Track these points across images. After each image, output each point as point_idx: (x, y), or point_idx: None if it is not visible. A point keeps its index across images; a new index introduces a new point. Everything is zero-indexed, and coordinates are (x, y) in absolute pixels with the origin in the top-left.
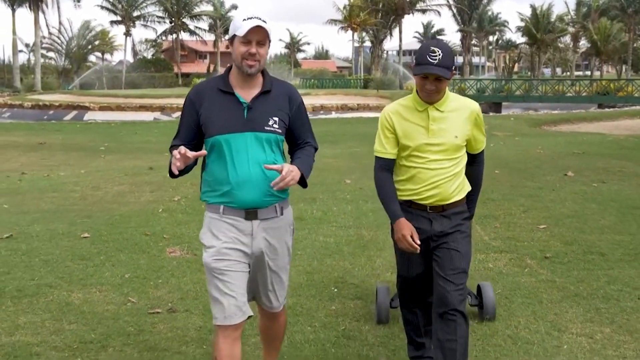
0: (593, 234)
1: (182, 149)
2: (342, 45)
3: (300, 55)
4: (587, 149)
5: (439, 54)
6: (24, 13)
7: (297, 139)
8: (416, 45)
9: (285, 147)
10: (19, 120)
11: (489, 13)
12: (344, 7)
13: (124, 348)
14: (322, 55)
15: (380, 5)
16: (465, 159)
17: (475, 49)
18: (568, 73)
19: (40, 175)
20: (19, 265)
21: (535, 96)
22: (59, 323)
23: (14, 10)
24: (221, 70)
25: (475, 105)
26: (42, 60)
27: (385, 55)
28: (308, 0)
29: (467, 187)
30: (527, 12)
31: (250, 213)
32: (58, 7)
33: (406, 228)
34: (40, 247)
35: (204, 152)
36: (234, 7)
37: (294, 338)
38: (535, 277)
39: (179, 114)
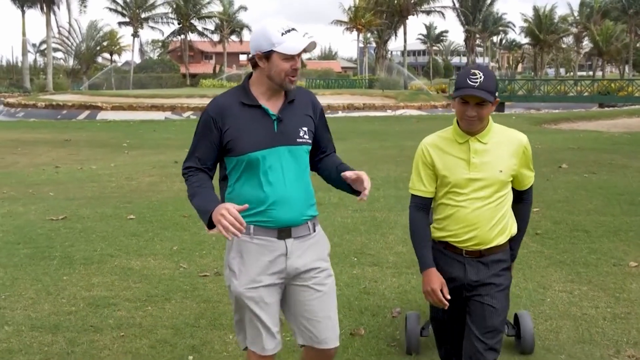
0: (580, 215)
1: (231, 209)
2: (346, 45)
3: (305, 56)
4: (582, 144)
5: (480, 77)
6: (30, 14)
7: (322, 147)
8: (420, 46)
9: None
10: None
11: (493, 14)
12: (349, 8)
13: (183, 300)
14: (329, 55)
15: (385, 7)
16: (510, 198)
17: (479, 49)
18: (572, 73)
19: (74, 168)
20: (79, 240)
21: (538, 96)
22: (126, 282)
23: (23, 12)
24: (228, 70)
25: (523, 138)
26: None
27: (390, 55)
28: (314, 1)
29: (512, 231)
30: (531, 13)
31: (284, 231)
32: (68, 9)
33: (436, 281)
34: (94, 226)
35: (246, 206)
36: (243, 8)
37: None
38: (526, 249)
39: (189, 113)
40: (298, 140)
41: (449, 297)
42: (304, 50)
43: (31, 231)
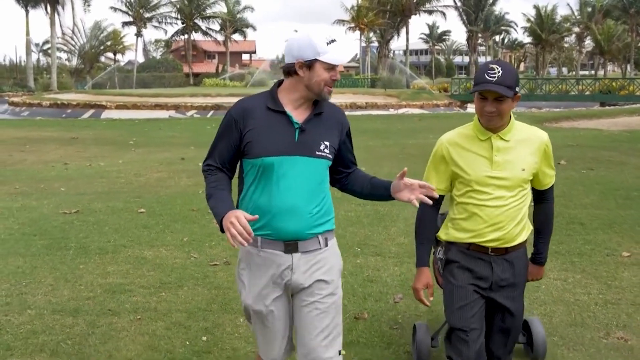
0: (576, 209)
1: (241, 218)
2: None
3: None
4: (581, 142)
5: (499, 71)
6: (33, 14)
7: (347, 165)
8: (422, 46)
9: None
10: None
11: (495, 13)
12: (352, 8)
13: (195, 287)
14: None
15: (388, 6)
16: (530, 196)
17: (481, 48)
18: (574, 72)
19: (82, 165)
20: (93, 232)
21: (539, 95)
22: (140, 270)
23: (27, 12)
24: (231, 69)
25: (545, 136)
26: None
27: (392, 54)
28: (317, 0)
29: (530, 227)
30: (533, 12)
31: (290, 245)
32: (72, 9)
33: (422, 281)
34: (106, 219)
35: (256, 216)
36: (249, 8)
37: None
38: None
39: (192, 112)
40: (317, 152)
41: (431, 299)
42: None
43: (46, 223)
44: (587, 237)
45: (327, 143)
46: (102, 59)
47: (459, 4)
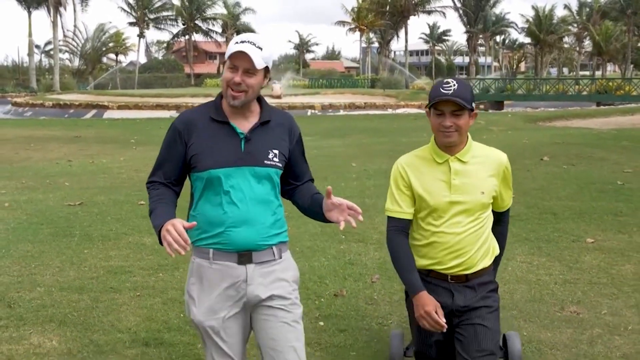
0: (551, 201)
1: (177, 225)
2: (350, 45)
3: (308, 56)
4: (567, 139)
5: (454, 84)
6: (35, 15)
7: (298, 175)
8: (423, 46)
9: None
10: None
11: (495, 13)
12: (352, 9)
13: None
14: (333, 55)
15: (387, 7)
16: (491, 220)
17: (481, 49)
18: (574, 73)
19: (85, 162)
20: (96, 221)
21: (537, 95)
22: (139, 255)
23: (29, 13)
24: None
25: (504, 157)
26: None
27: (393, 55)
28: (318, 1)
29: (495, 251)
30: (532, 13)
31: (244, 256)
32: (75, 10)
33: (430, 303)
34: (108, 210)
35: (194, 223)
36: (249, 9)
37: (313, 264)
38: None
39: None
40: (265, 162)
41: (444, 320)
42: (245, 66)
43: (52, 214)
44: (557, 225)
45: (275, 151)
46: (104, 59)
47: (458, 5)
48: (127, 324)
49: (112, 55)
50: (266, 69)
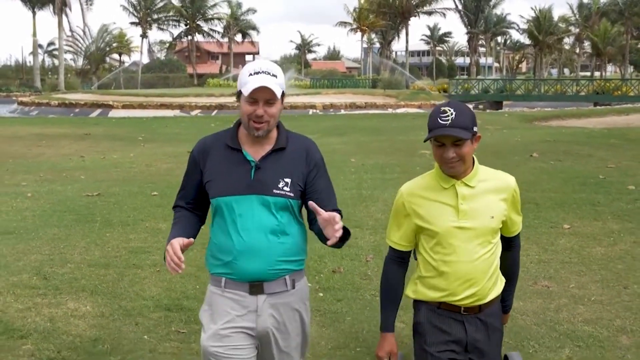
0: (536, 193)
1: (174, 244)
2: (351, 46)
3: (310, 56)
4: (559, 138)
5: (451, 113)
6: (38, 15)
7: (318, 201)
8: (424, 47)
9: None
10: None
11: (496, 14)
12: (354, 10)
13: (203, 249)
14: (334, 56)
15: (388, 8)
16: (500, 246)
17: (482, 49)
18: (574, 74)
19: (97, 158)
20: (114, 210)
21: (535, 95)
22: (156, 238)
23: (34, 13)
24: (234, 71)
25: (512, 181)
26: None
27: (394, 55)
28: (319, 1)
29: (502, 279)
30: (532, 14)
31: (255, 286)
32: (82, 11)
33: (385, 348)
34: (124, 200)
35: (191, 240)
36: (252, 10)
37: (314, 246)
38: None
39: (197, 112)
40: (275, 191)
41: None
42: (265, 97)
43: (73, 203)
44: (538, 214)
45: (287, 180)
46: (107, 60)
47: (459, 6)
48: (150, 293)
49: (115, 56)
50: (282, 93)
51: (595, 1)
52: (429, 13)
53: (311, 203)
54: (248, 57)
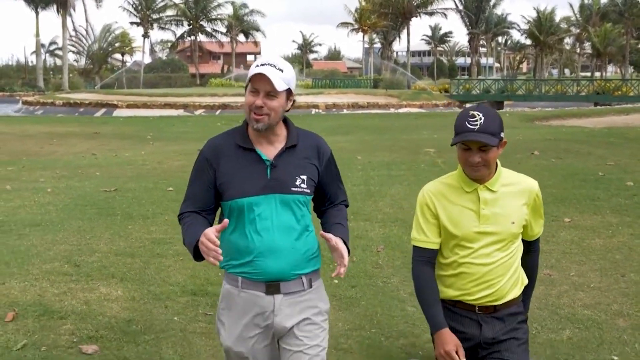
0: None
1: (208, 233)
2: (352, 46)
3: (311, 56)
4: (559, 136)
5: (480, 118)
6: (41, 14)
7: (329, 197)
8: (425, 47)
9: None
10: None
11: (497, 14)
12: (355, 10)
13: None
14: (335, 56)
15: (389, 9)
16: (521, 249)
17: (483, 49)
18: (575, 74)
19: (109, 155)
20: (133, 204)
21: (536, 95)
22: (176, 230)
23: (37, 13)
24: (236, 70)
25: (535, 185)
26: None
27: (395, 56)
28: (321, 2)
29: (524, 281)
30: (534, 14)
31: (272, 286)
32: (85, 11)
33: (450, 342)
34: (141, 195)
35: (225, 222)
36: (259, 12)
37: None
38: None
39: (201, 111)
40: (293, 189)
41: None
42: (266, 89)
43: (92, 198)
44: None
45: (303, 177)
46: (109, 59)
47: (460, 7)
48: (175, 280)
49: (116, 55)
50: (289, 91)
51: (596, 2)
52: (430, 13)
53: (322, 233)
54: (250, 57)
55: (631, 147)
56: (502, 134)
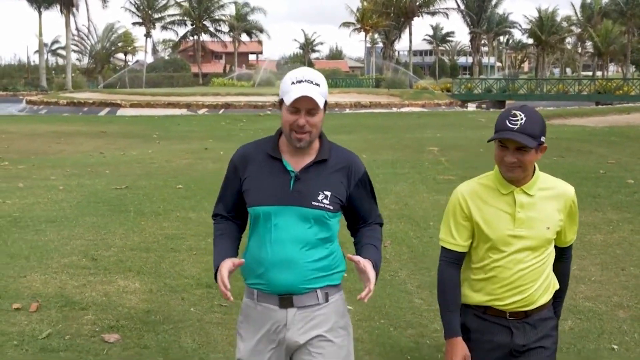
0: None
1: (222, 271)
2: (354, 45)
3: (313, 56)
4: (561, 135)
5: (521, 118)
6: (44, 15)
7: (361, 216)
8: (427, 47)
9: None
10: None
11: (499, 14)
12: (357, 10)
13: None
14: (336, 55)
15: (391, 9)
16: (553, 255)
17: (485, 49)
18: (577, 73)
19: (117, 154)
20: (144, 201)
21: (537, 95)
22: (188, 225)
23: (40, 13)
24: (238, 70)
25: (571, 191)
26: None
27: (397, 55)
28: (321, 2)
29: (556, 285)
30: (535, 14)
31: (285, 299)
32: (87, 10)
33: (459, 354)
34: (152, 192)
35: (242, 261)
36: (261, 10)
37: None
38: None
39: (204, 110)
40: (314, 203)
41: None
42: (308, 107)
43: (104, 195)
44: None
45: (327, 193)
46: (111, 59)
47: (462, 6)
48: (190, 273)
49: (119, 55)
50: (324, 102)
51: (597, 1)
52: (432, 13)
53: (349, 256)
54: (252, 57)
55: (632, 145)
56: (542, 138)
